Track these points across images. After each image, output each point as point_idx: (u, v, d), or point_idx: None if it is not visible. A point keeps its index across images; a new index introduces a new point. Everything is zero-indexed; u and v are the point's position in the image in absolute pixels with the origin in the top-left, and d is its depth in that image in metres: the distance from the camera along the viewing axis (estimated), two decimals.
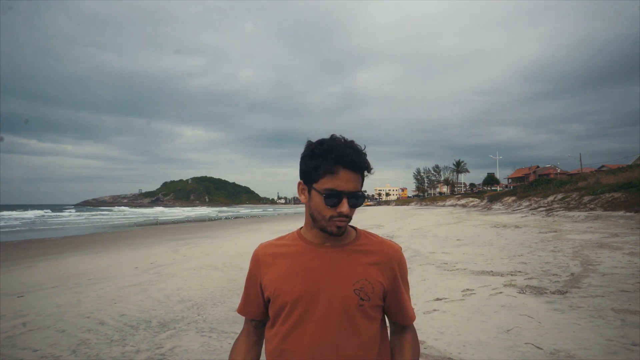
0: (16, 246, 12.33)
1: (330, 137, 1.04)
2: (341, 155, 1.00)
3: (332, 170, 1.01)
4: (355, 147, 1.03)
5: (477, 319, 3.43)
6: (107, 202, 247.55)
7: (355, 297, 1.04)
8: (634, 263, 5.51)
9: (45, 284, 5.70)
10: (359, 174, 1.04)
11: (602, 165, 47.55)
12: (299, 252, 1.10)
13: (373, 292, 1.06)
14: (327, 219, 1.03)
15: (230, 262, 7.08)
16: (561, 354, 2.62)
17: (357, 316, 1.05)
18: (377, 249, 1.12)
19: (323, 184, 1.01)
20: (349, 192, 1.01)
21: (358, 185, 1.03)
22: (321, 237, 1.10)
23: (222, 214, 47.45)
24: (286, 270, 1.09)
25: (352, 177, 1.01)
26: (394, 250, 1.14)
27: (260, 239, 12.43)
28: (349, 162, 1.00)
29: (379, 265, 1.09)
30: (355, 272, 1.07)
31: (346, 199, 1.01)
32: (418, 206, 58.33)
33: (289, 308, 1.06)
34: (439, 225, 15.84)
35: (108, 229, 21.45)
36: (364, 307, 1.05)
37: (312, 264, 1.08)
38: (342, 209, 1.00)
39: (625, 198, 15.97)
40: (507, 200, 32.16)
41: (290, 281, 1.07)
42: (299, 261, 1.09)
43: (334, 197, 1.01)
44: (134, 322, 3.68)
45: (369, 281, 1.06)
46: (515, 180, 72.33)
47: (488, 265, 5.91)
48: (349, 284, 1.05)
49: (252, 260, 1.17)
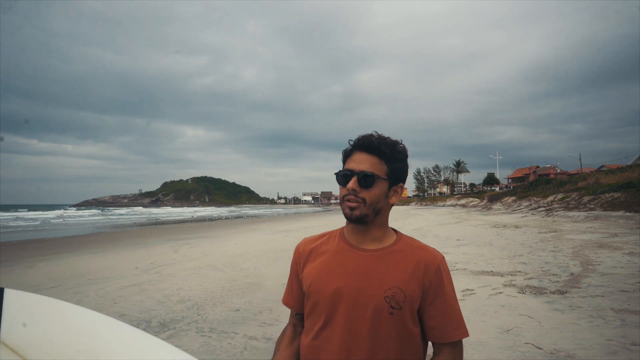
0: (16, 246, 12.34)
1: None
2: (358, 139, 1.07)
3: (349, 153, 1.08)
4: (376, 135, 1.08)
5: (477, 319, 3.44)
6: (107, 202, 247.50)
7: (386, 304, 1.00)
8: (633, 263, 5.51)
9: (45, 284, 5.70)
10: (376, 157, 1.05)
11: (602, 165, 47.57)
12: (337, 251, 1.11)
13: (405, 300, 1.01)
14: (342, 199, 1.07)
15: (230, 262, 7.08)
16: (561, 354, 2.63)
17: (390, 325, 1.00)
18: (414, 255, 1.06)
19: (343, 168, 1.09)
20: (359, 170, 1.03)
21: (372, 167, 1.04)
22: (357, 236, 1.10)
23: (228, 214, 47.72)
24: (323, 268, 1.10)
25: (365, 159, 1.05)
26: (432, 257, 1.07)
27: (260, 239, 12.43)
28: (361, 144, 1.06)
29: (415, 272, 1.04)
30: (387, 278, 1.03)
31: (355, 177, 1.03)
32: (418, 206, 58.32)
33: (321, 306, 1.06)
34: (439, 225, 15.85)
35: (108, 229, 21.45)
36: (395, 316, 1.00)
37: (347, 265, 1.07)
38: (349, 185, 1.03)
39: (625, 198, 15.97)
40: (507, 200, 32.18)
41: (325, 279, 1.07)
42: (336, 260, 1.09)
43: (344, 176, 1.05)
44: (134, 322, 3.68)
45: (401, 289, 1.01)
46: (515, 180, 72.36)
47: (488, 265, 5.91)
48: (381, 290, 1.01)
49: (295, 253, 1.21)
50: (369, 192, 1.03)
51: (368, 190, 1.03)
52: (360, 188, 1.03)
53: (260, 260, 7.15)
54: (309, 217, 32.09)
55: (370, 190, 1.04)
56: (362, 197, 1.03)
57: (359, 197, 1.03)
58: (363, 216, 1.04)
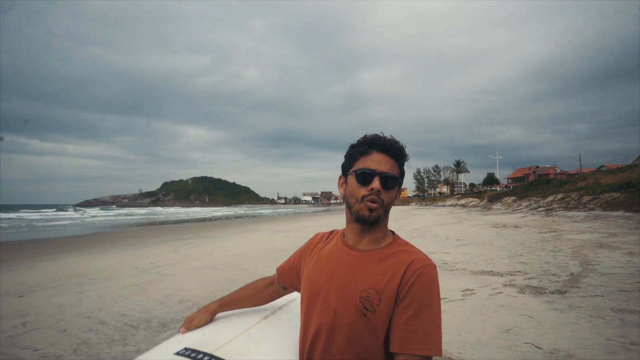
0: (16, 246, 12.33)
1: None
2: (375, 139, 1.07)
3: (366, 152, 1.07)
4: (390, 137, 1.09)
5: (477, 318, 3.44)
6: (107, 202, 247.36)
7: (360, 305, 0.99)
8: (632, 263, 5.52)
9: (45, 283, 5.71)
10: (393, 160, 1.06)
11: (601, 166, 47.55)
12: (334, 250, 1.13)
13: (379, 304, 0.98)
14: (360, 199, 1.04)
15: (231, 262, 7.08)
16: (560, 354, 2.63)
17: (361, 326, 0.98)
18: (400, 259, 1.03)
19: (357, 166, 1.07)
20: (381, 171, 1.03)
21: (392, 169, 1.05)
22: (356, 237, 1.10)
23: (227, 214, 48.01)
24: (318, 264, 1.13)
25: (385, 160, 1.05)
26: (418, 262, 1.01)
27: (260, 239, 12.43)
28: (381, 144, 1.06)
29: (394, 276, 1.00)
30: (367, 279, 1.02)
31: (378, 178, 1.03)
32: (418, 206, 58.31)
33: (307, 299, 1.11)
34: (438, 225, 15.85)
35: (108, 229, 21.45)
36: (368, 318, 0.98)
37: (337, 264, 1.09)
38: (374, 185, 1.02)
39: (625, 198, 15.97)
40: (507, 200, 32.17)
41: (316, 275, 1.11)
42: (331, 257, 1.12)
43: (366, 175, 1.04)
44: (134, 322, 3.69)
45: (377, 291, 0.99)
46: (515, 180, 72.39)
47: (488, 265, 5.92)
48: (358, 290, 1.01)
49: (310, 240, 1.26)
50: (388, 194, 1.04)
51: (388, 192, 1.04)
52: (383, 189, 1.03)
53: (260, 260, 7.16)
54: (309, 217, 32.08)
55: (390, 192, 1.05)
56: (382, 199, 1.03)
57: (380, 198, 1.03)
58: (379, 217, 1.05)
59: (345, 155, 1.13)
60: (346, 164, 1.12)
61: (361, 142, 1.09)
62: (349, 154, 1.11)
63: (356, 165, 1.07)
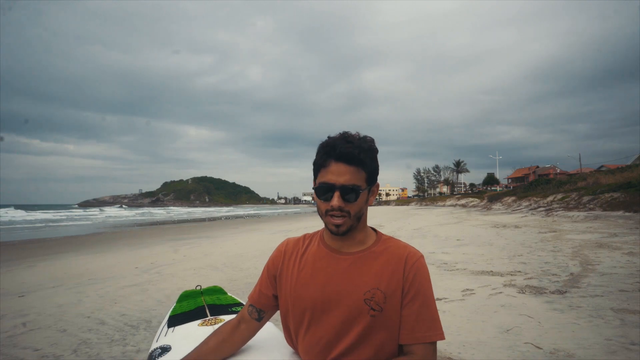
0: (16, 246, 12.33)
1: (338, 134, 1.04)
2: (332, 147, 0.99)
3: (324, 164, 1.00)
4: (349, 139, 0.99)
5: (477, 318, 3.44)
6: (107, 202, 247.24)
7: (366, 307, 0.98)
8: (632, 263, 5.52)
9: (45, 283, 5.71)
10: (355, 166, 0.98)
11: (601, 166, 47.58)
12: (319, 257, 1.09)
13: (385, 302, 0.98)
14: (324, 214, 1.01)
15: (230, 262, 7.08)
16: (560, 354, 2.63)
17: (372, 328, 0.98)
18: (393, 255, 1.03)
19: (318, 179, 1.02)
20: (340, 185, 0.97)
21: (353, 178, 0.98)
22: (339, 241, 1.07)
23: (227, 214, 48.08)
24: (304, 275, 1.07)
25: (344, 170, 0.97)
26: (411, 255, 1.03)
27: (260, 239, 12.42)
28: (338, 153, 0.98)
29: (394, 272, 1.01)
30: (367, 280, 1.01)
31: (338, 192, 0.97)
32: (418, 206, 58.33)
33: (308, 313, 1.04)
34: (438, 225, 15.85)
35: (108, 229, 21.44)
36: (377, 319, 0.98)
37: (327, 271, 1.05)
38: (333, 202, 0.97)
39: (625, 198, 15.98)
40: (507, 201, 32.18)
41: (306, 286, 1.06)
42: (318, 266, 1.07)
43: (326, 191, 0.99)
44: (134, 321, 3.69)
45: (380, 290, 0.99)
46: (515, 180, 72.38)
47: (488, 265, 5.92)
48: (360, 292, 0.99)
49: (277, 251, 1.17)
50: (353, 205, 0.99)
51: (352, 204, 0.99)
52: (345, 203, 0.98)
53: (260, 261, 7.15)
54: (309, 217, 32.07)
55: (354, 203, 0.99)
56: (347, 211, 0.99)
57: (345, 211, 0.99)
58: (349, 229, 1.01)
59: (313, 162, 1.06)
60: (313, 172, 1.05)
61: (319, 150, 1.02)
62: (314, 163, 1.04)
63: (318, 178, 1.02)
